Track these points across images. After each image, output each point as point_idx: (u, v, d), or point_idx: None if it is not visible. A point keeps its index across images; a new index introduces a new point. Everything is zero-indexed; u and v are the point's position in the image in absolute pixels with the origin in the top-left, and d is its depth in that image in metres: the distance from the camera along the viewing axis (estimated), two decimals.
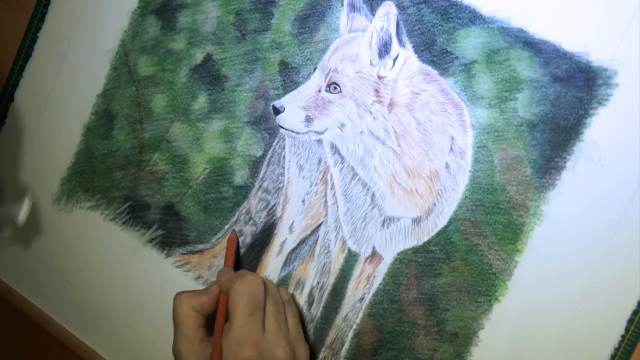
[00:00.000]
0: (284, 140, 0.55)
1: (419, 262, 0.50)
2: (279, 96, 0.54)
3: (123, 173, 0.60)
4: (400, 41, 0.50)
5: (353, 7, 0.52)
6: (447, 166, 0.49)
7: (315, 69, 0.52)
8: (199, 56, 0.57)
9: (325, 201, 0.54)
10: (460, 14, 0.49)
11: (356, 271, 0.52)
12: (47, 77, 0.63)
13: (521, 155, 0.47)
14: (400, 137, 0.50)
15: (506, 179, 0.47)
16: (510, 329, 0.47)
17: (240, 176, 0.56)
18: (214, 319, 0.50)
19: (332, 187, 0.53)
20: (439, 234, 0.50)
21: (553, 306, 0.46)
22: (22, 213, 0.64)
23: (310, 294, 0.54)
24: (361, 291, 0.52)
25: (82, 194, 0.62)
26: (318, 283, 0.54)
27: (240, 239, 0.56)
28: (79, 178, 0.62)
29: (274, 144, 0.55)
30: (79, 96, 0.62)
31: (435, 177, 0.50)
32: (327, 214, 0.54)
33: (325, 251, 0.53)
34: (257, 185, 0.55)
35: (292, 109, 0.52)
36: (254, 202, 0.56)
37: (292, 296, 0.54)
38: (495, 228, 0.48)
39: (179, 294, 0.50)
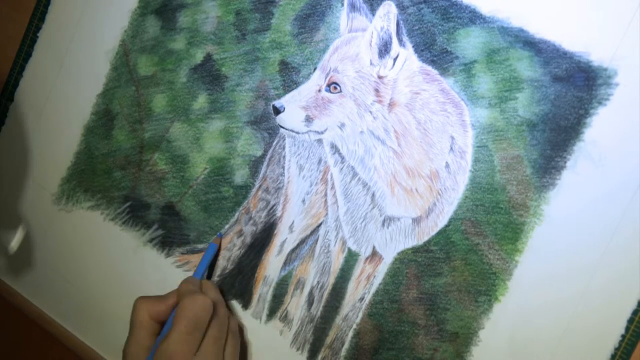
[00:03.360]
0: (284, 140, 0.55)
1: (419, 262, 0.50)
2: (279, 96, 0.54)
3: (123, 173, 0.60)
4: (400, 41, 0.50)
5: (353, 7, 0.52)
6: (447, 166, 0.49)
7: (315, 68, 0.53)
8: (199, 56, 0.57)
9: (326, 201, 0.54)
10: (460, 14, 0.49)
11: (356, 271, 0.52)
12: (47, 77, 0.63)
13: (521, 154, 0.47)
14: (401, 136, 0.50)
15: (506, 178, 0.47)
16: (510, 329, 0.47)
17: (240, 176, 0.56)
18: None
19: (332, 187, 0.53)
20: (439, 233, 0.50)
21: (553, 306, 0.46)
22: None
23: (310, 294, 0.54)
24: (361, 291, 0.52)
25: (82, 194, 0.62)
26: (318, 283, 0.54)
27: (240, 239, 0.56)
28: (79, 178, 0.62)
29: (274, 143, 0.55)
30: (79, 96, 0.62)
31: (435, 177, 0.50)
32: (327, 214, 0.54)
33: (325, 251, 0.53)
34: (257, 185, 0.55)
35: (292, 108, 0.52)
36: (254, 202, 0.56)
37: (240, 331, 0.55)
38: (496, 228, 0.48)
39: (139, 298, 0.51)
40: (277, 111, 0.52)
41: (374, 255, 0.52)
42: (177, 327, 0.48)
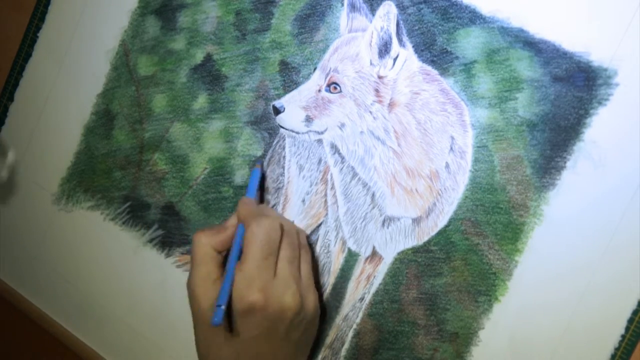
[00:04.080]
0: (284, 140, 0.55)
1: (419, 262, 0.50)
2: (279, 96, 0.54)
3: (123, 173, 0.60)
4: (400, 41, 0.50)
5: (353, 7, 0.52)
6: (447, 166, 0.49)
7: (315, 68, 0.53)
8: (199, 56, 0.57)
9: (325, 201, 0.54)
10: (460, 14, 0.49)
11: (356, 271, 0.52)
12: (47, 77, 0.63)
13: (521, 155, 0.47)
14: (400, 136, 0.50)
15: (506, 178, 0.47)
16: (510, 329, 0.47)
17: (240, 176, 0.56)
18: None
19: (332, 187, 0.53)
20: (439, 233, 0.50)
21: (553, 306, 0.46)
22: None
23: None
24: (361, 291, 0.52)
25: (82, 194, 0.62)
26: (318, 283, 0.54)
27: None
28: (79, 178, 0.62)
29: (274, 143, 0.55)
30: (79, 96, 0.62)
31: (435, 177, 0.50)
32: (327, 214, 0.54)
33: (325, 251, 0.53)
34: None
35: (292, 108, 0.52)
36: None
37: (308, 240, 0.53)
38: (495, 228, 0.48)
39: (198, 232, 0.49)
40: (277, 111, 0.52)
41: (374, 255, 0.52)
42: (250, 254, 0.46)
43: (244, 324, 0.46)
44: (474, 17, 0.48)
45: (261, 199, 0.55)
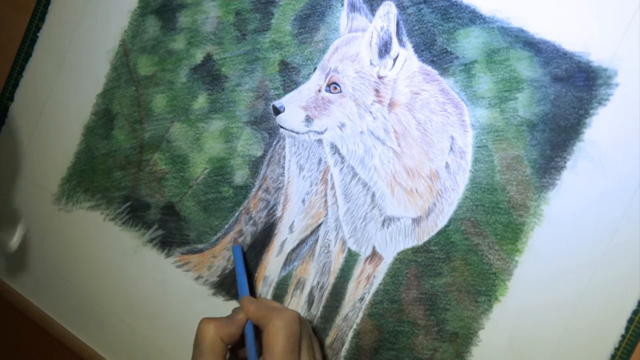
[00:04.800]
0: (284, 140, 0.55)
1: (419, 262, 0.50)
2: (279, 96, 0.54)
3: (123, 173, 0.60)
4: (400, 41, 0.50)
5: (353, 7, 0.52)
6: (447, 166, 0.49)
7: (315, 68, 0.53)
8: (199, 56, 0.57)
9: (325, 201, 0.54)
10: (460, 14, 0.49)
11: (356, 271, 0.52)
12: (47, 77, 0.63)
13: (521, 155, 0.47)
14: (400, 136, 0.50)
15: (506, 178, 0.47)
16: (510, 329, 0.47)
17: (240, 176, 0.56)
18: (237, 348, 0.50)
19: (332, 187, 0.53)
20: (439, 233, 0.50)
21: (553, 306, 0.46)
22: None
23: (310, 294, 0.54)
24: (361, 291, 0.52)
25: (82, 194, 0.62)
26: (318, 283, 0.54)
27: (240, 239, 0.56)
28: (79, 178, 0.62)
29: (274, 144, 0.55)
30: (79, 96, 0.62)
31: (435, 177, 0.50)
32: (327, 214, 0.54)
33: (325, 251, 0.53)
34: (257, 185, 0.55)
35: (292, 108, 0.52)
36: (254, 202, 0.56)
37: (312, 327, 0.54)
38: (496, 228, 0.48)
39: (205, 320, 0.49)
40: (277, 111, 0.52)
41: (374, 255, 0.52)
42: (277, 348, 0.46)
43: None
44: (474, 17, 0.48)
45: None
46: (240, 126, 0.56)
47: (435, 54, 0.49)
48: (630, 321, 0.44)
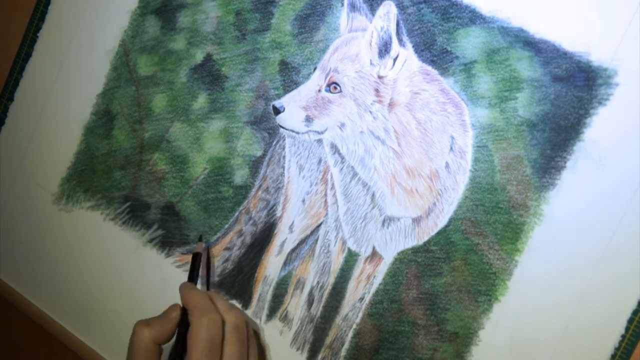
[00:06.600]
0: (284, 140, 0.55)
1: (419, 262, 0.50)
2: (279, 96, 0.54)
3: (123, 173, 0.60)
4: (400, 41, 0.50)
5: (353, 7, 0.52)
6: (447, 166, 0.49)
7: (315, 68, 0.53)
8: (199, 56, 0.57)
9: (325, 201, 0.54)
10: (460, 14, 0.49)
11: (356, 271, 0.52)
12: (47, 77, 0.63)
13: (521, 154, 0.47)
14: (401, 136, 0.50)
15: (506, 178, 0.47)
16: (510, 329, 0.47)
17: (240, 176, 0.56)
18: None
19: (332, 187, 0.53)
20: (439, 233, 0.50)
21: (553, 306, 0.46)
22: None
23: (310, 294, 0.54)
24: (361, 291, 0.52)
25: (82, 194, 0.62)
26: (318, 283, 0.54)
27: (240, 239, 0.56)
28: (79, 178, 0.62)
29: (274, 143, 0.55)
30: (79, 96, 0.62)
31: (435, 177, 0.50)
32: (327, 214, 0.54)
33: (325, 251, 0.53)
34: (257, 185, 0.55)
35: (292, 108, 0.52)
36: (254, 202, 0.56)
37: (256, 334, 0.54)
38: (496, 227, 0.48)
39: (139, 324, 0.49)
40: (277, 111, 0.52)
41: (374, 255, 0.52)
42: (195, 353, 0.46)
43: None
44: (474, 17, 0.48)
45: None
46: (240, 126, 0.56)
47: (435, 54, 0.49)
48: (630, 321, 0.44)
